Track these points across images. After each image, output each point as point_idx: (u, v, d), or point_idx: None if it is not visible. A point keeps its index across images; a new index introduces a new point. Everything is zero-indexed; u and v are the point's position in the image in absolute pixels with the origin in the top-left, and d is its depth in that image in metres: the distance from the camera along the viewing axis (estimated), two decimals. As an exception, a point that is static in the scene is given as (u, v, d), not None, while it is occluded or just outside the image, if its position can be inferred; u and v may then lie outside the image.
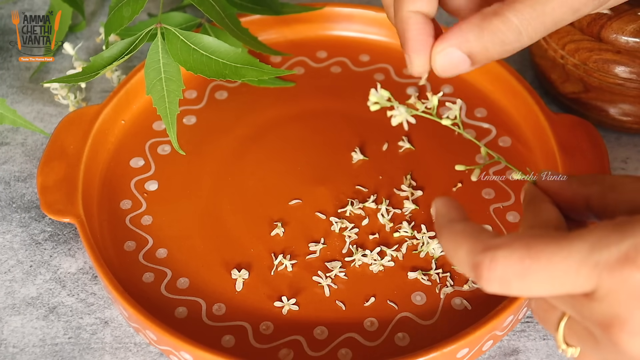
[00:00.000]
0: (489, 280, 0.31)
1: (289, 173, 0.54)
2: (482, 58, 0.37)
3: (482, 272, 0.31)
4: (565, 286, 0.30)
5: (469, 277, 0.33)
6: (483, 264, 0.31)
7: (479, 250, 0.31)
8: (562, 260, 0.30)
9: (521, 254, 0.30)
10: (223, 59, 0.53)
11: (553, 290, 0.30)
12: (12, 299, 0.50)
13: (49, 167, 0.52)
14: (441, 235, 0.34)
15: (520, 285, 0.30)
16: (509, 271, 0.30)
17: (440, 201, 0.36)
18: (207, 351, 0.43)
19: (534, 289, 0.30)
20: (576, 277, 0.30)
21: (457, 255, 0.33)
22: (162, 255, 0.50)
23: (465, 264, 0.32)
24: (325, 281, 0.49)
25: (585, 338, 0.32)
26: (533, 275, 0.30)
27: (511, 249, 0.31)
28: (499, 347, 0.48)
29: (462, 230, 0.33)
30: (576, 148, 0.52)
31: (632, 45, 0.53)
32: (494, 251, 0.31)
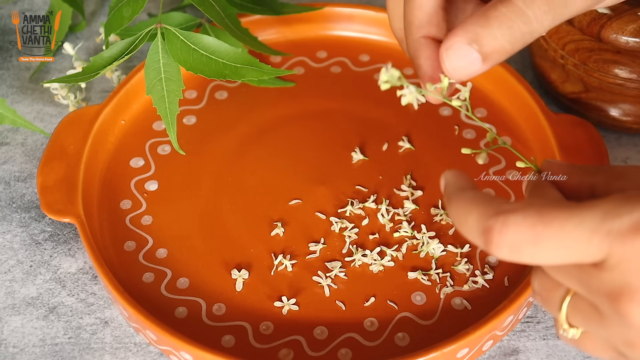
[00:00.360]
0: (499, 245, 0.30)
1: (289, 173, 0.54)
2: (492, 50, 0.35)
3: (492, 236, 0.30)
4: (576, 254, 0.30)
5: (479, 244, 0.32)
6: (494, 228, 0.30)
7: (491, 214, 0.31)
8: (575, 227, 0.29)
9: (534, 219, 0.30)
10: (223, 59, 0.53)
11: (563, 258, 0.30)
12: (12, 299, 0.50)
13: (49, 167, 0.52)
14: (451, 203, 0.33)
15: (530, 251, 0.30)
16: (521, 237, 0.30)
17: (450, 172, 0.35)
18: (207, 351, 0.43)
19: (544, 256, 0.30)
20: (587, 245, 0.29)
21: (467, 222, 0.32)
22: (162, 255, 0.50)
23: (475, 230, 0.32)
24: (325, 281, 0.49)
25: (590, 315, 0.32)
26: (545, 242, 0.30)
27: (524, 214, 0.30)
28: (499, 347, 0.48)
29: (473, 197, 0.33)
30: (576, 148, 0.52)
31: (632, 45, 0.53)
32: (506, 215, 0.30)
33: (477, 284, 0.48)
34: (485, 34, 0.35)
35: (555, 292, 0.33)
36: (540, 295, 0.34)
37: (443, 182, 0.35)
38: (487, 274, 0.49)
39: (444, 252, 0.50)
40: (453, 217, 0.34)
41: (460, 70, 0.36)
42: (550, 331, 0.48)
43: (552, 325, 0.49)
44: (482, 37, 0.35)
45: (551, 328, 0.48)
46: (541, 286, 0.34)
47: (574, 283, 0.32)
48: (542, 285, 0.34)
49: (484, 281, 0.48)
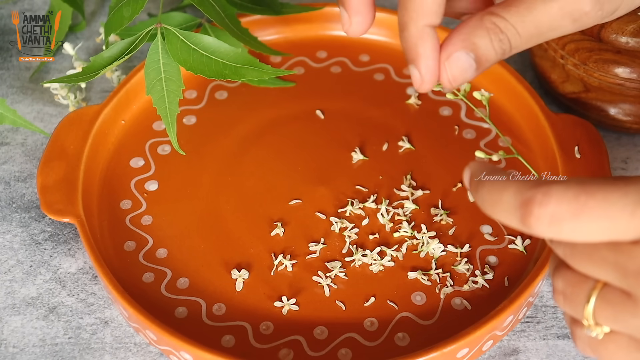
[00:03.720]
0: (539, 217, 0.30)
1: (289, 173, 0.54)
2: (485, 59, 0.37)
3: (532, 208, 0.30)
4: (618, 228, 0.29)
5: (513, 220, 0.30)
6: (535, 199, 0.30)
7: (530, 186, 0.30)
8: (618, 199, 0.29)
9: (576, 190, 0.29)
10: (223, 59, 0.53)
11: (605, 232, 0.29)
12: (12, 299, 0.50)
13: (49, 167, 0.52)
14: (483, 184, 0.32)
15: (572, 225, 0.29)
16: (564, 208, 0.29)
17: (476, 163, 0.34)
18: (207, 351, 0.43)
19: (586, 230, 0.29)
20: (630, 219, 0.29)
21: (501, 198, 0.31)
22: (162, 255, 0.50)
23: (512, 205, 0.31)
24: (325, 281, 0.49)
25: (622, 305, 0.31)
26: (587, 213, 0.29)
27: (566, 185, 0.29)
28: (499, 347, 0.48)
29: (508, 177, 0.32)
30: (576, 148, 0.52)
31: (632, 46, 0.53)
32: (548, 186, 0.30)
33: (477, 284, 0.48)
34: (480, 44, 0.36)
35: (582, 286, 0.32)
36: (564, 292, 0.33)
37: (468, 173, 0.34)
38: (487, 274, 0.49)
39: (444, 252, 0.50)
40: (485, 198, 0.32)
41: (459, 77, 0.37)
42: (550, 331, 0.48)
43: (552, 326, 0.49)
44: (479, 48, 0.36)
45: (551, 328, 0.48)
46: (566, 282, 0.33)
47: (608, 268, 0.31)
48: (567, 281, 0.33)
49: (484, 281, 0.48)
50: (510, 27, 0.36)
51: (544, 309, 0.49)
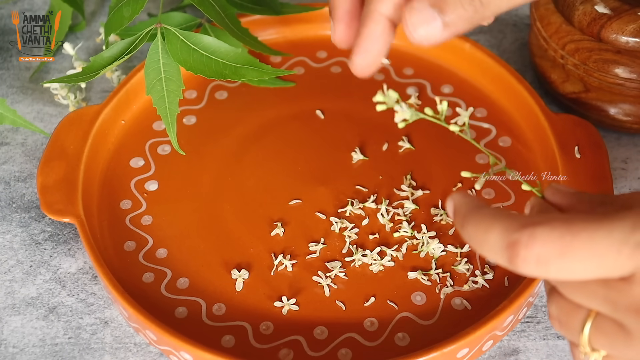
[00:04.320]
0: (525, 259, 0.29)
1: (289, 173, 0.54)
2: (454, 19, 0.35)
3: (519, 250, 0.29)
4: (605, 267, 0.29)
5: (501, 260, 0.30)
6: (520, 241, 0.29)
7: (516, 227, 0.30)
8: (603, 238, 0.28)
9: (561, 230, 0.29)
10: (223, 59, 0.53)
11: (592, 271, 0.29)
12: (12, 299, 0.50)
13: (49, 167, 0.52)
14: (467, 221, 0.32)
15: (558, 265, 0.29)
16: (549, 249, 0.29)
17: (458, 193, 0.34)
18: (207, 351, 0.43)
19: (573, 270, 0.29)
20: (617, 257, 0.28)
21: (487, 239, 0.31)
22: (162, 255, 0.50)
23: (498, 246, 0.30)
24: (325, 281, 0.49)
25: (615, 335, 0.31)
26: (573, 254, 0.29)
27: (551, 226, 0.29)
28: (499, 347, 0.48)
29: (493, 214, 0.31)
30: (576, 148, 0.52)
31: (632, 45, 0.53)
32: (533, 228, 0.29)
33: (477, 284, 0.48)
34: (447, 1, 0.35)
35: (575, 315, 0.32)
36: (559, 320, 0.33)
37: (451, 204, 0.34)
38: (487, 274, 0.49)
39: (444, 252, 0.50)
40: (471, 235, 0.32)
41: (422, 35, 0.36)
42: (550, 331, 0.48)
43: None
44: (445, 2, 0.35)
45: (551, 328, 0.48)
46: (560, 310, 0.33)
47: (599, 302, 0.31)
48: (561, 309, 0.33)
49: (484, 281, 0.48)
50: None
51: (544, 309, 0.49)
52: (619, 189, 0.55)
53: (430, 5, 0.35)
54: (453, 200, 0.34)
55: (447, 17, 0.35)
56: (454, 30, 0.36)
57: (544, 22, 0.57)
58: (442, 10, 0.35)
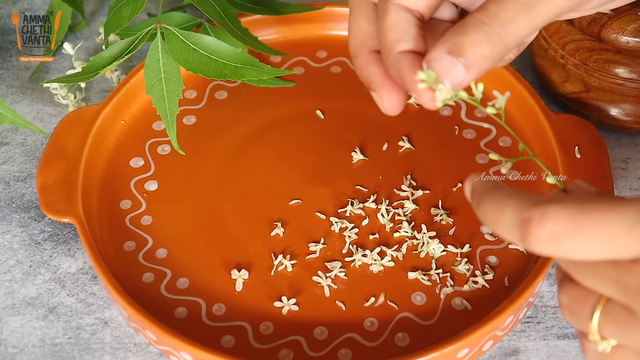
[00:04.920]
0: (537, 236, 0.30)
1: (289, 173, 0.54)
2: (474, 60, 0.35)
3: (530, 227, 0.30)
4: (615, 247, 0.29)
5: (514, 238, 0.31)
6: (533, 219, 0.30)
7: (529, 205, 0.30)
8: (615, 219, 0.29)
9: (573, 210, 0.29)
10: (223, 58, 0.53)
11: (602, 251, 0.29)
12: (12, 299, 0.50)
13: (48, 167, 0.52)
14: (483, 200, 0.33)
15: (570, 244, 0.29)
16: (560, 227, 0.29)
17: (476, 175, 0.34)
18: (207, 351, 0.43)
19: (583, 249, 0.29)
20: (628, 238, 0.29)
21: (502, 216, 0.31)
22: (162, 255, 0.50)
23: (511, 223, 0.31)
24: (325, 281, 0.49)
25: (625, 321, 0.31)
26: (584, 233, 0.29)
27: (564, 205, 0.30)
28: (499, 347, 0.48)
29: (508, 192, 0.32)
30: (576, 148, 0.52)
31: (632, 45, 0.53)
32: (545, 206, 0.30)
33: (477, 284, 0.48)
34: (463, 42, 0.34)
35: (585, 302, 0.32)
36: (569, 307, 0.33)
37: (469, 185, 0.35)
38: (487, 274, 0.49)
39: (444, 252, 0.50)
40: (486, 214, 0.33)
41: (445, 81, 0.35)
42: (551, 331, 0.48)
43: (553, 326, 0.48)
44: (461, 46, 0.34)
45: (551, 328, 0.48)
46: (570, 297, 0.33)
47: (609, 285, 0.31)
48: (571, 296, 0.33)
49: (484, 281, 0.48)
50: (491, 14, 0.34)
51: (544, 309, 0.49)
52: (619, 189, 0.55)
53: (448, 52, 0.35)
54: (471, 181, 0.35)
55: (467, 60, 0.35)
56: (478, 70, 0.35)
57: (544, 22, 0.57)
58: (460, 54, 0.34)
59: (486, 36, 0.34)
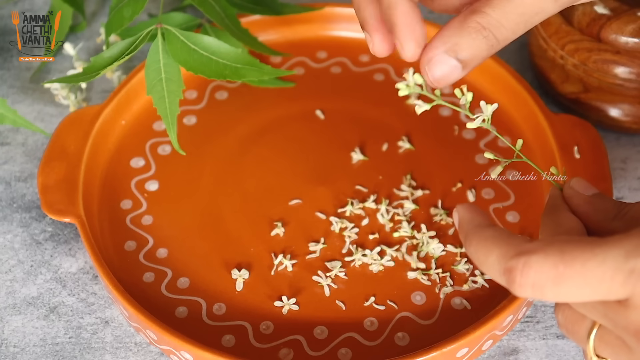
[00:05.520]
0: (521, 285, 0.31)
1: (289, 173, 0.54)
2: (471, 59, 0.37)
3: (514, 277, 0.31)
4: (599, 293, 0.30)
5: (500, 282, 0.32)
6: (516, 269, 0.31)
7: (512, 255, 0.31)
8: (597, 266, 0.29)
9: (555, 259, 0.30)
10: (223, 59, 0.54)
11: (587, 296, 0.30)
12: (13, 299, 0.50)
13: (49, 167, 0.52)
14: (469, 242, 0.34)
15: (553, 291, 0.30)
16: (543, 277, 0.30)
17: (463, 207, 0.35)
18: (208, 351, 0.43)
19: (568, 295, 0.30)
20: (611, 284, 0.29)
21: (487, 261, 0.32)
22: (162, 255, 0.51)
23: (496, 270, 0.32)
24: (325, 281, 0.49)
25: (618, 347, 0.32)
26: (567, 282, 0.30)
27: (545, 254, 0.30)
28: (499, 347, 0.48)
29: (492, 236, 0.33)
30: (575, 148, 0.52)
31: (631, 46, 0.53)
32: (528, 256, 0.30)
33: (476, 283, 0.48)
34: (462, 44, 0.36)
35: (581, 325, 0.33)
36: (566, 327, 0.34)
37: (457, 217, 0.35)
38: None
39: (444, 252, 0.50)
40: (472, 255, 0.34)
41: (442, 79, 0.37)
42: (550, 331, 0.48)
43: (552, 325, 0.49)
44: (460, 47, 0.36)
45: (551, 328, 0.48)
46: (566, 319, 0.34)
47: (600, 317, 0.32)
48: (567, 318, 0.34)
49: (483, 281, 0.48)
50: (493, 22, 0.36)
51: (544, 308, 0.49)
52: (618, 189, 0.55)
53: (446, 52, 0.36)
54: (458, 213, 0.36)
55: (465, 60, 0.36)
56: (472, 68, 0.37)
57: (544, 23, 0.57)
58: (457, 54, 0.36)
59: (486, 40, 0.36)
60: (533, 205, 0.52)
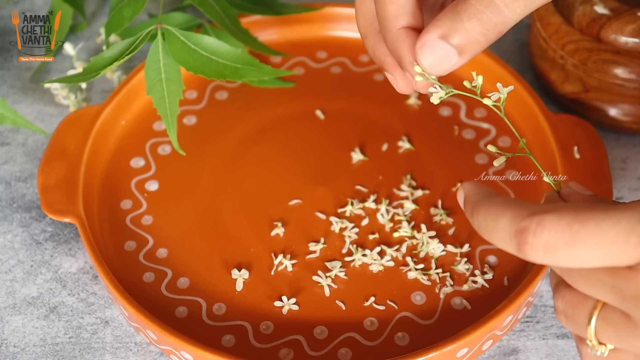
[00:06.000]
0: (533, 246, 0.30)
1: (289, 173, 0.55)
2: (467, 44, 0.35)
3: (527, 237, 0.30)
4: (612, 255, 0.29)
5: (510, 247, 0.31)
6: (529, 228, 0.30)
7: (524, 215, 0.30)
8: (612, 226, 0.29)
9: (569, 219, 0.29)
10: (223, 59, 0.54)
11: (599, 259, 0.29)
12: (13, 299, 0.50)
13: (49, 167, 0.52)
14: (478, 209, 0.33)
15: (567, 253, 0.29)
16: (557, 237, 0.29)
17: (468, 183, 0.34)
18: (208, 351, 0.43)
19: (580, 258, 0.29)
20: (624, 246, 0.29)
21: (497, 226, 0.31)
22: (162, 255, 0.51)
23: (507, 233, 0.31)
24: (325, 281, 0.49)
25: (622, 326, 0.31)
26: (581, 242, 0.29)
27: (559, 214, 0.30)
28: (499, 347, 0.48)
29: (502, 201, 0.32)
30: (575, 148, 0.52)
31: (631, 46, 0.53)
32: (541, 215, 0.30)
33: (476, 283, 0.48)
34: (456, 28, 0.35)
35: (582, 307, 0.32)
36: (565, 313, 0.33)
37: (462, 193, 0.35)
38: (487, 273, 0.49)
39: (444, 252, 0.50)
40: (481, 222, 0.33)
41: (437, 66, 0.36)
42: (550, 331, 0.48)
43: (552, 325, 0.49)
44: (454, 31, 0.35)
45: (551, 328, 0.49)
46: (566, 303, 0.33)
47: (606, 291, 0.31)
48: (568, 302, 0.33)
49: (483, 281, 0.48)
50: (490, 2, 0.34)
51: (544, 308, 0.49)
52: (618, 189, 0.55)
53: (441, 37, 0.35)
54: (464, 189, 0.35)
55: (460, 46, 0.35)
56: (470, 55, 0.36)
57: (544, 23, 0.57)
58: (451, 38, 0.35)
59: (481, 23, 0.34)
60: (533, 205, 0.52)
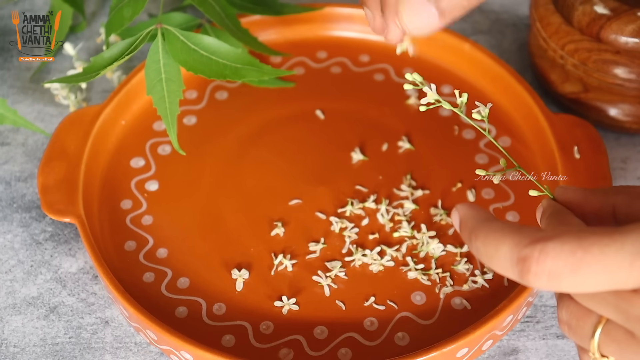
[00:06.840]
0: (537, 274, 0.29)
1: (289, 173, 0.55)
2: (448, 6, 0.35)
3: (530, 265, 0.29)
4: (617, 280, 0.29)
5: (512, 275, 0.30)
6: (531, 257, 0.29)
7: (526, 243, 0.30)
8: (616, 252, 0.28)
9: (572, 246, 0.29)
10: (223, 59, 0.54)
11: (604, 284, 0.29)
12: (13, 299, 0.50)
13: (49, 167, 0.52)
14: (476, 236, 0.32)
15: (570, 279, 0.29)
16: (560, 264, 0.29)
17: (464, 206, 0.34)
18: (208, 351, 0.43)
19: (585, 284, 0.29)
20: (629, 271, 0.28)
21: (497, 253, 0.31)
22: (162, 255, 0.51)
23: (508, 260, 0.30)
24: (325, 281, 0.49)
25: (626, 343, 0.31)
26: (585, 268, 0.29)
27: (562, 241, 0.29)
28: (499, 347, 0.48)
29: (502, 227, 0.31)
30: (575, 148, 0.52)
31: (631, 46, 0.53)
32: (544, 243, 0.29)
33: (476, 283, 0.48)
34: None
35: (586, 320, 0.32)
36: (569, 324, 0.33)
37: (457, 216, 0.34)
38: (487, 273, 0.49)
39: (444, 252, 0.50)
40: (480, 249, 0.32)
41: (419, 25, 0.36)
42: (550, 331, 0.48)
43: (552, 325, 0.49)
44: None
45: (551, 328, 0.49)
46: (570, 314, 0.33)
47: (610, 310, 0.31)
48: (571, 314, 0.33)
49: (483, 281, 0.48)
50: None
51: (544, 308, 0.49)
52: (619, 189, 0.55)
53: None
54: (458, 212, 0.34)
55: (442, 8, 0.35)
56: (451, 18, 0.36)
57: (544, 23, 0.57)
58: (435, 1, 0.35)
59: None
60: (533, 205, 0.52)
